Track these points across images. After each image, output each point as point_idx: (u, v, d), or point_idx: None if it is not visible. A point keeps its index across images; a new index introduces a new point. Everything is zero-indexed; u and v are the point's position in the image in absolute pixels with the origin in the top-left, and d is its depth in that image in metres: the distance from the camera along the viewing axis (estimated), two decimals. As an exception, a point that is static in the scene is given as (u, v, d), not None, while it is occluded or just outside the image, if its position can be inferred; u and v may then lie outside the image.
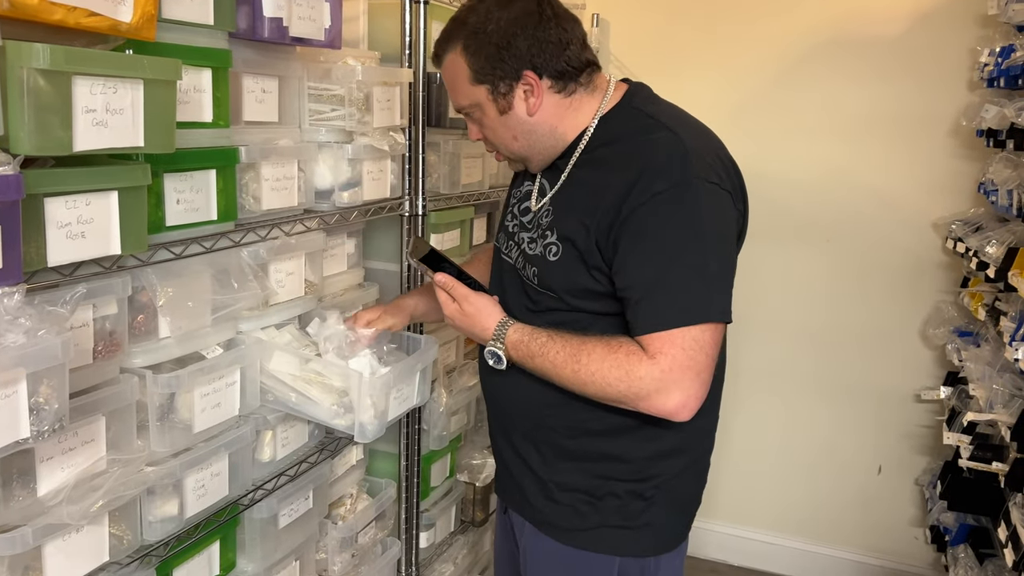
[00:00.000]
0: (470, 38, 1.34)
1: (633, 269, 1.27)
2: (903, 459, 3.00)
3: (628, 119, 1.37)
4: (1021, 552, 1.78)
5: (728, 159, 1.38)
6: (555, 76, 1.35)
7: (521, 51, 1.32)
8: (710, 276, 1.26)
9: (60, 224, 1.04)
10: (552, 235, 1.37)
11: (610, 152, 1.35)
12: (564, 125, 1.39)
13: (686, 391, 1.24)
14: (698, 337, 1.24)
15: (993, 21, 2.57)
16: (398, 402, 1.63)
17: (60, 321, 1.01)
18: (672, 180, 1.26)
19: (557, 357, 1.32)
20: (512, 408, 1.51)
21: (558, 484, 1.46)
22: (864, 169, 2.87)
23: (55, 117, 0.97)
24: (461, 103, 1.42)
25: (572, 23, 1.36)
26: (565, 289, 1.36)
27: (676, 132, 1.32)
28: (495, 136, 1.43)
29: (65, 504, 1.10)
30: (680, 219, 1.26)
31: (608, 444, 1.42)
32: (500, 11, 1.32)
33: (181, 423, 1.35)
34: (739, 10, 2.96)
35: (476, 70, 1.35)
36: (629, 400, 1.28)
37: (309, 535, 1.73)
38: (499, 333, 1.38)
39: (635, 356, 1.26)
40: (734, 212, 1.34)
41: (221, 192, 1.38)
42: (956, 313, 2.81)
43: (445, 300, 1.45)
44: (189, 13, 1.26)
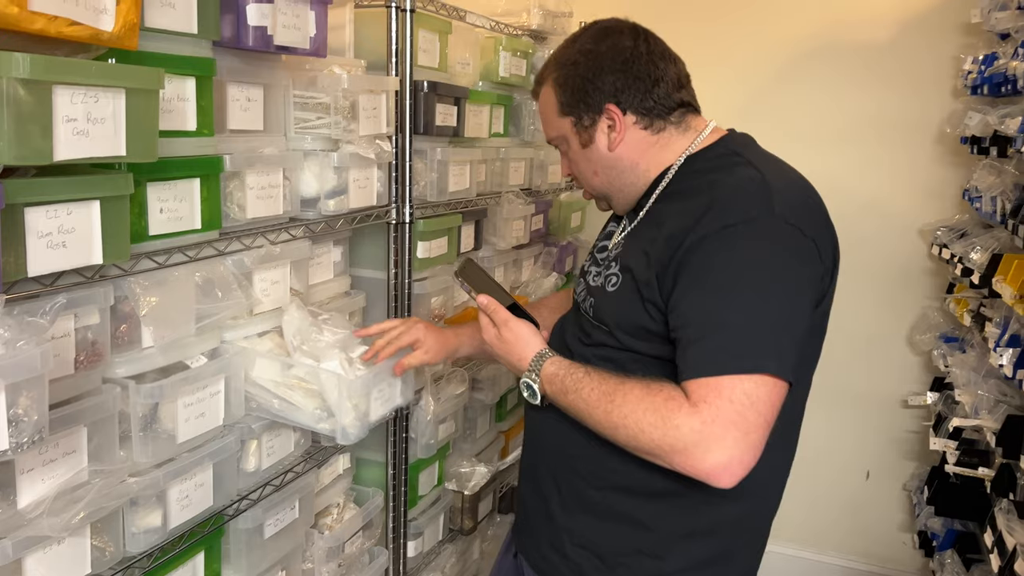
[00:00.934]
0: (561, 70, 1.35)
1: (689, 306, 1.16)
2: (891, 464, 3.02)
3: (713, 157, 1.31)
4: (1007, 557, 1.79)
5: (820, 209, 1.26)
6: (641, 112, 1.31)
7: (606, 85, 1.30)
8: (775, 324, 1.12)
9: (41, 234, 1.03)
10: (615, 266, 1.31)
11: (687, 185, 1.29)
12: (647, 162, 1.33)
13: (728, 451, 1.08)
14: (751, 391, 1.09)
15: (976, 29, 2.60)
16: (380, 402, 1.61)
17: (40, 332, 1.00)
18: (747, 214, 1.16)
19: (591, 395, 1.21)
20: (543, 443, 1.44)
21: (571, 535, 1.37)
22: (851, 175, 2.89)
23: (35, 126, 0.97)
24: (549, 134, 1.42)
25: (668, 62, 1.33)
26: (617, 324, 1.28)
27: (760, 169, 1.23)
28: (578, 170, 1.41)
29: (46, 516, 1.09)
30: (750, 257, 1.14)
31: (635, 506, 1.30)
32: (594, 44, 1.32)
33: (164, 433, 1.34)
34: (727, 18, 2.97)
35: (563, 102, 1.35)
36: (663, 452, 1.13)
37: (295, 545, 1.72)
38: (535, 364, 1.31)
39: (675, 402, 1.12)
40: (816, 266, 1.18)
41: (205, 201, 1.37)
42: (942, 319, 2.83)
43: (485, 324, 1.40)
44: (172, 22, 1.26)
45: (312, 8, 1.54)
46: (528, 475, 1.50)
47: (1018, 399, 2.06)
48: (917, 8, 2.75)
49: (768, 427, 1.11)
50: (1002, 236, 2.29)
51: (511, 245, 2.44)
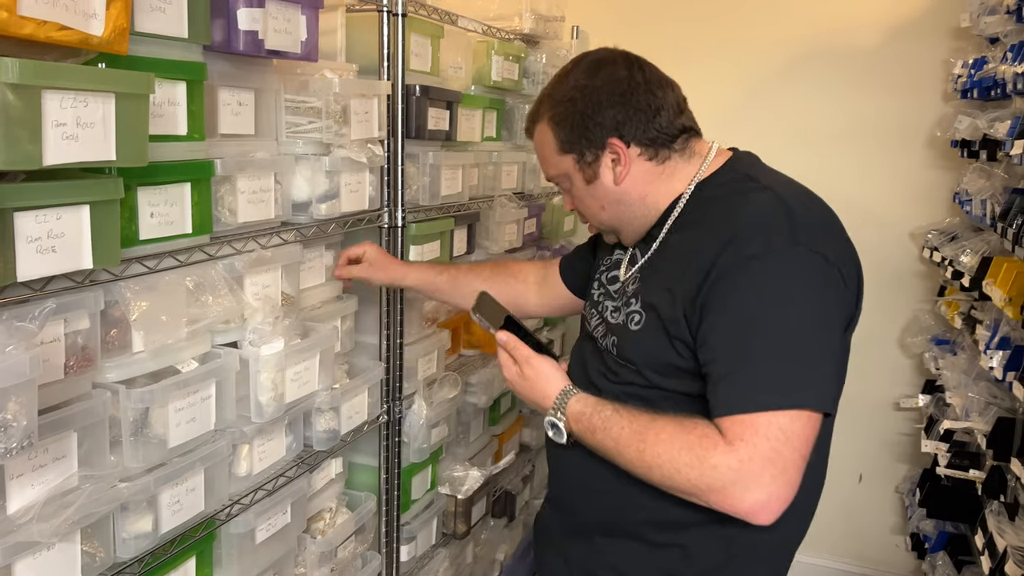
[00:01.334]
0: (557, 107, 1.30)
1: (718, 341, 1.14)
2: (883, 467, 3.02)
3: (726, 183, 1.27)
4: (998, 559, 1.79)
5: (840, 230, 1.24)
6: (644, 144, 1.27)
7: (607, 120, 1.26)
8: (809, 357, 1.11)
9: (30, 238, 1.03)
10: (636, 303, 1.28)
11: (703, 214, 1.25)
12: (656, 193, 1.30)
13: (766, 489, 1.06)
14: (786, 427, 1.07)
15: (966, 34, 2.62)
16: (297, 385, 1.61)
17: (29, 336, 1.00)
18: (771, 244, 1.13)
19: (622, 434, 1.18)
20: (567, 478, 1.40)
21: (603, 559, 1.34)
22: (842, 179, 2.90)
23: (24, 131, 0.96)
24: (550, 173, 1.38)
25: (666, 88, 1.30)
26: (645, 363, 1.24)
27: (778, 193, 1.21)
28: (583, 206, 1.37)
29: (36, 521, 1.09)
30: (774, 288, 1.12)
31: (672, 536, 1.28)
32: (587, 79, 1.28)
33: (155, 438, 1.34)
34: (717, 24, 2.98)
35: (562, 140, 1.30)
36: (699, 492, 1.11)
37: (287, 550, 1.72)
38: (560, 402, 1.26)
39: (710, 440, 1.10)
40: (842, 291, 1.17)
41: (196, 205, 1.37)
42: (933, 322, 2.84)
43: (506, 362, 1.34)
44: (163, 26, 1.26)
45: (303, 12, 1.54)
46: (556, 503, 1.47)
47: (1008, 401, 2.07)
48: (907, 13, 2.77)
49: (804, 461, 1.10)
50: (992, 239, 2.30)
51: (504, 249, 2.45)
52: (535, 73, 2.63)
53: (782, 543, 1.34)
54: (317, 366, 1.67)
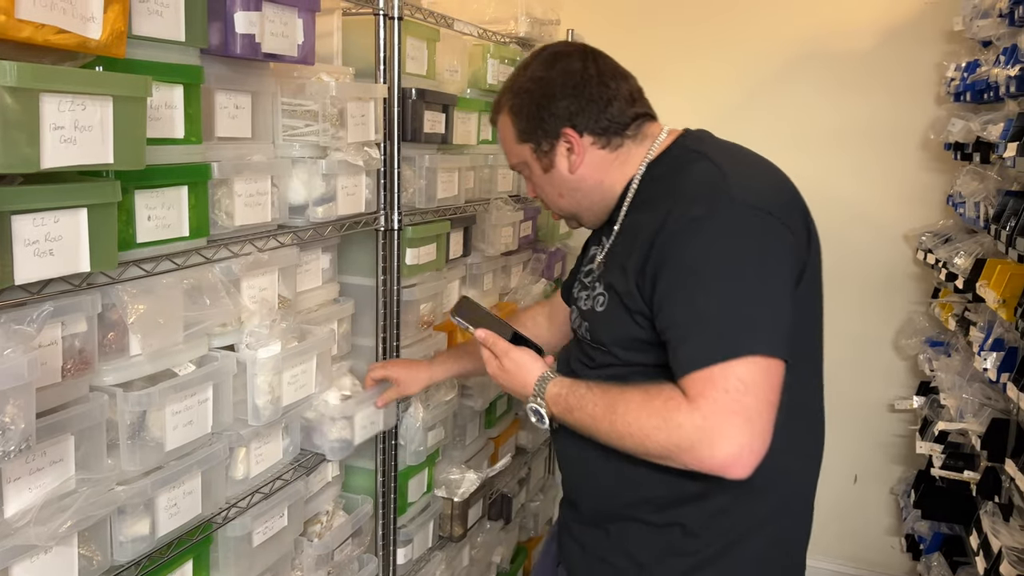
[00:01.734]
0: (515, 98, 1.37)
1: (670, 306, 1.17)
2: (878, 468, 3.03)
3: (672, 159, 1.32)
4: (992, 559, 1.80)
5: (783, 187, 1.28)
6: (597, 133, 1.33)
7: (560, 110, 1.32)
8: (755, 306, 1.13)
9: (28, 241, 1.03)
10: (600, 286, 1.33)
11: (653, 191, 1.31)
12: (611, 179, 1.36)
13: (735, 441, 1.07)
14: (744, 376, 1.08)
15: (959, 37, 2.63)
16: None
17: (26, 340, 1.00)
18: (706, 206, 1.17)
19: (595, 410, 1.22)
20: (571, 468, 1.45)
21: (618, 544, 1.36)
22: (837, 182, 2.91)
23: (22, 134, 0.97)
24: (511, 161, 1.45)
25: (619, 80, 1.35)
26: (613, 341, 1.29)
27: (716, 160, 1.25)
28: (543, 193, 1.43)
29: (33, 525, 1.09)
30: (717, 246, 1.15)
31: (674, 514, 1.29)
32: (544, 71, 1.34)
33: (152, 441, 1.34)
34: (712, 27, 3.00)
35: (520, 129, 1.37)
36: (672, 453, 1.13)
37: (284, 553, 1.71)
38: (539, 388, 1.32)
39: (674, 402, 1.13)
40: (786, 238, 1.19)
41: (193, 208, 1.37)
42: (928, 323, 2.85)
43: (488, 357, 1.41)
44: (160, 30, 1.26)
45: (300, 16, 1.54)
46: (566, 496, 1.51)
47: (1002, 402, 2.08)
48: (901, 16, 2.79)
49: (772, 409, 1.11)
50: (985, 241, 2.31)
51: (500, 251, 2.45)
52: (531, 76, 2.63)
53: (781, 509, 1.32)
54: (314, 369, 1.67)
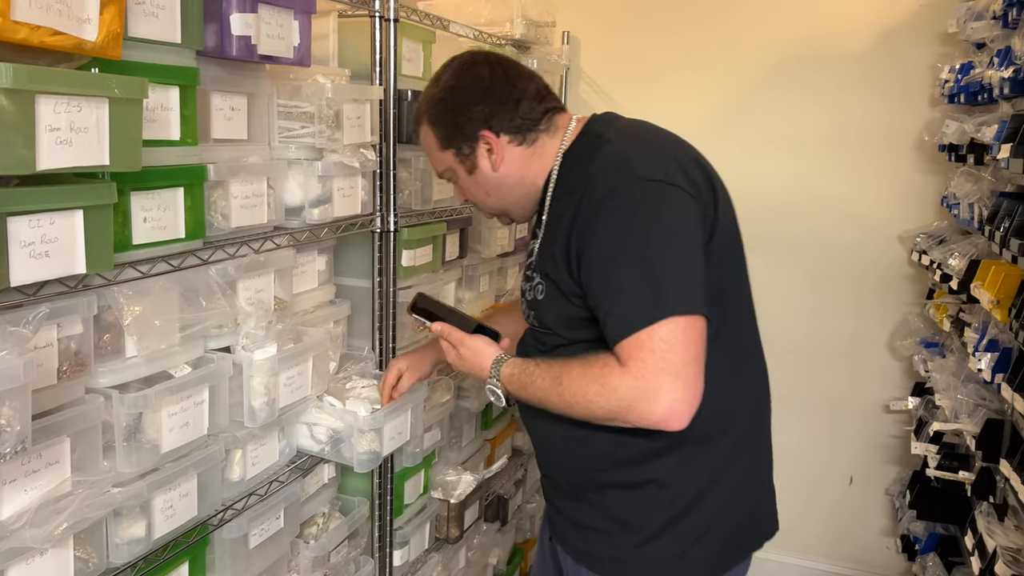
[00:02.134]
0: (432, 108, 1.47)
1: (594, 283, 1.28)
2: (873, 469, 3.04)
3: (583, 147, 1.42)
4: (987, 560, 1.80)
5: (681, 156, 1.36)
6: (512, 131, 1.43)
7: (475, 114, 1.41)
8: (663, 271, 1.23)
9: (24, 243, 1.03)
10: (537, 276, 1.42)
11: (568, 183, 1.40)
12: (531, 172, 1.45)
13: (667, 395, 1.18)
14: (666, 336, 1.19)
15: (953, 39, 2.64)
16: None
17: (22, 341, 1.00)
18: (610, 186, 1.29)
19: (544, 383, 1.34)
20: (546, 445, 1.53)
21: (602, 511, 1.45)
22: (831, 183, 2.92)
23: (18, 136, 0.97)
24: (437, 168, 1.53)
25: (524, 80, 1.44)
26: (557, 323, 1.39)
27: (616, 143, 1.36)
28: (471, 195, 1.53)
29: (28, 527, 1.09)
30: (622, 222, 1.25)
31: (641, 470, 1.39)
32: (454, 80, 1.44)
33: (148, 443, 1.34)
34: (707, 28, 3.00)
35: (441, 137, 1.47)
36: (615, 414, 1.24)
37: (280, 555, 1.71)
38: (494, 371, 1.43)
39: (609, 367, 1.24)
40: (690, 204, 1.29)
41: (189, 210, 1.37)
42: (922, 324, 2.86)
43: (447, 348, 1.53)
44: (156, 31, 1.26)
45: (296, 18, 1.54)
46: (551, 481, 1.59)
47: (997, 403, 2.09)
48: (895, 18, 2.79)
49: (698, 362, 1.21)
50: (980, 242, 2.32)
51: (496, 253, 2.45)
52: (526, 78, 2.64)
53: (741, 449, 1.44)
54: (310, 371, 1.67)
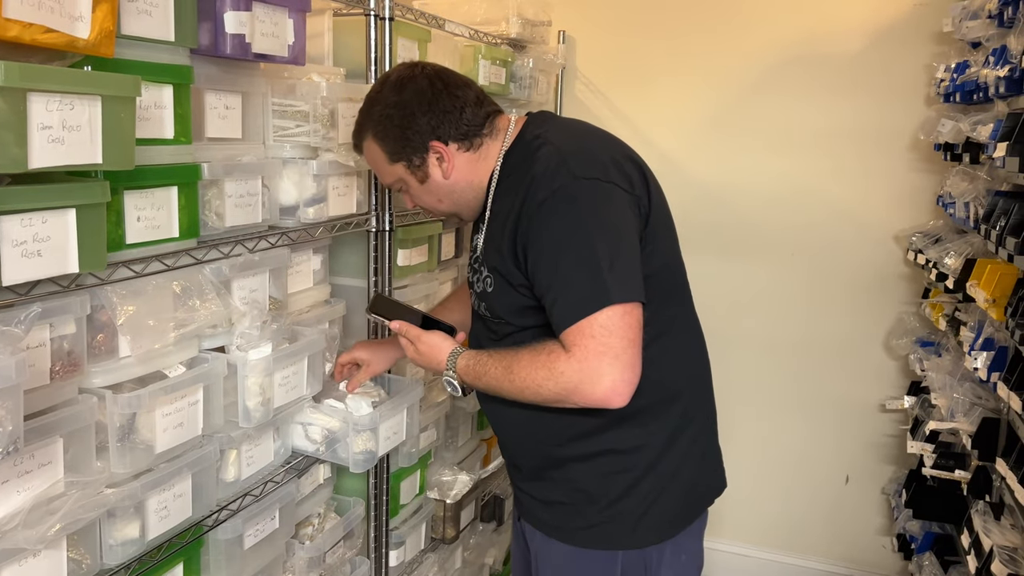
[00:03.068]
0: (377, 126, 1.49)
1: (540, 276, 1.37)
2: (870, 468, 3.04)
3: (522, 147, 1.48)
4: (984, 559, 1.80)
5: (615, 153, 1.46)
6: (459, 139, 1.48)
7: (422, 126, 1.46)
8: (600, 263, 1.32)
9: (15, 242, 1.02)
10: (485, 270, 1.50)
11: (510, 182, 1.47)
12: (478, 175, 1.51)
13: (608, 376, 1.29)
14: (606, 323, 1.30)
15: (948, 38, 2.64)
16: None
17: (14, 341, 0.99)
18: (551, 187, 1.37)
19: (496, 372, 1.42)
20: (505, 429, 1.61)
21: (565, 484, 1.53)
22: (827, 183, 2.92)
23: (10, 134, 0.96)
24: (386, 181, 1.57)
25: (463, 88, 1.50)
26: (507, 312, 1.48)
27: (555, 144, 1.44)
28: (423, 202, 1.58)
29: (21, 528, 1.08)
30: (563, 219, 1.34)
31: (598, 441, 1.48)
32: (397, 96, 1.47)
33: (142, 443, 1.33)
34: (703, 28, 3.00)
35: (389, 152, 1.50)
36: (563, 396, 1.34)
37: (276, 556, 1.71)
38: (451, 363, 1.51)
39: (555, 354, 1.34)
40: (625, 198, 1.39)
41: (183, 209, 1.37)
42: (918, 323, 2.86)
43: (406, 344, 1.59)
44: (149, 29, 1.26)
45: (290, 16, 1.54)
46: (506, 456, 1.68)
47: (993, 402, 2.09)
48: (890, 18, 2.80)
49: (635, 346, 1.32)
50: (975, 241, 2.32)
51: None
52: (522, 77, 2.64)
53: (690, 411, 1.55)
54: (305, 370, 1.66)
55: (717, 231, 3.03)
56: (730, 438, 3.14)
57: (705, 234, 3.00)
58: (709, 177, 3.03)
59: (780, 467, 3.14)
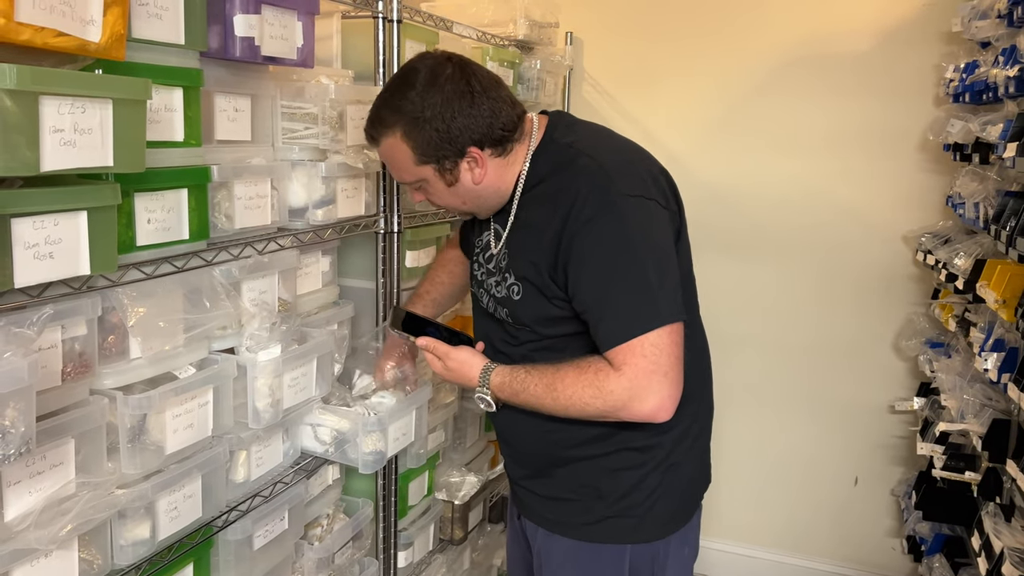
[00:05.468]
0: (409, 125, 1.39)
1: (584, 293, 1.37)
2: (879, 470, 3.03)
3: (553, 154, 1.46)
4: (994, 561, 1.80)
5: (651, 168, 1.46)
6: (495, 144, 1.43)
7: (462, 131, 1.39)
8: (651, 284, 1.34)
9: (27, 244, 1.03)
10: (511, 277, 1.48)
11: (544, 189, 1.45)
12: (505, 180, 1.48)
13: (658, 393, 1.32)
14: (656, 342, 1.32)
15: (957, 38, 2.63)
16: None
17: (26, 343, 1.00)
18: (599, 203, 1.35)
19: (537, 390, 1.42)
20: (513, 433, 1.61)
21: (571, 481, 1.54)
22: (836, 184, 2.91)
23: (22, 137, 0.97)
24: (406, 179, 1.49)
25: (497, 87, 1.43)
26: (534, 321, 1.47)
27: (594, 156, 1.41)
28: (443, 202, 1.52)
29: (33, 529, 1.09)
30: (612, 238, 1.34)
31: (608, 443, 1.50)
32: (433, 96, 1.38)
33: (153, 444, 1.34)
34: (710, 29, 3.00)
35: (420, 153, 1.42)
36: (609, 413, 1.36)
37: (285, 556, 1.71)
38: (483, 380, 1.49)
39: (603, 372, 1.35)
40: (664, 215, 1.41)
41: (193, 211, 1.37)
42: (928, 324, 2.85)
43: (431, 360, 1.57)
44: (160, 33, 1.26)
45: (299, 19, 1.54)
46: (511, 459, 1.67)
47: (1003, 403, 2.08)
48: (898, 18, 2.79)
49: (680, 361, 1.35)
50: (985, 242, 2.31)
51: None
52: (530, 79, 2.64)
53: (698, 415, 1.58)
54: (314, 372, 1.67)
55: (725, 232, 3.03)
56: (738, 439, 3.16)
57: (713, 235, 3.00)
58: (716, 178, 3.03)
59: (789, 468, 3.13)
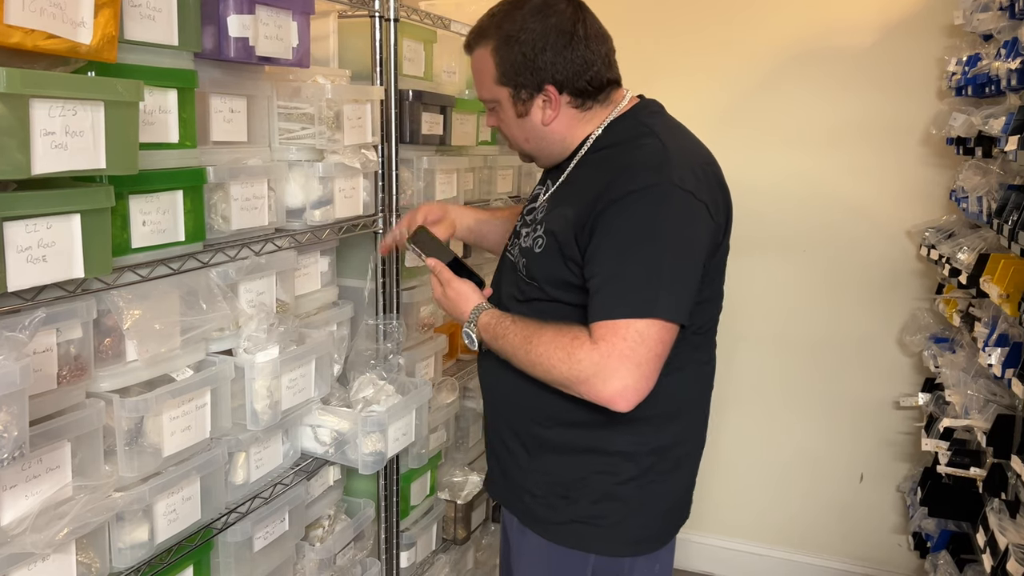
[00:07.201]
0: (502, 42, 1.42)
1: (597, 260, 1.34)
2: (884, 466, 3.02)
3: (628, 127, 1.44)
4: (999, 557, 1.78)
5: (714, 174, 1.43)
6: (575, 93, 1.43)
7: (546, 66, 1.39)
8: (662, 275, 1.30)
9: (20, 248, 1.03)
10: (541, 228, 1.45)
11: (605, 155, 1.44)
12: (573, 134, 1.47)
13: (623, 380, 1.27)
14: (642, 331, 1.28)
15: (959, 31, 2.61)
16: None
17: (19, 346, 0.99)
18: (647, 181, 1.32)
19: (515, 339, 1.40)
20: (495, 394, 1.60)
21: (539, 475, 1.52)
22: (839, 179, 2.90)
23: (12, 140, 0.96)
24: (484, 96, 1.51)
25: (601, 42, 1.43)
26: (545, 279, 1.44)
27: (663, 140, 1.38)
28: (509, 132, 1.52)
29: (30, 532, 1.09)
30: (646, 218, 1.30)
31: (584, 436, 1.46)
32: (535, 22, 1.39)
33: (150, 447, 1.33)
34: (713, 24, 2.98)
35: (502, 72, 1.43)
36: (569, 382, 1.32)
37: (286, 558, 1.71)
38: (473, 316, 1.48)
39: (579, 340, 1.31)
40: (708, 223, 1.36)
41: (189, 213, 1.37)
42: (932, 320, 2.83)
43: (435, 284, 1.56)
44: (152, 34, 1.26)
45: (294, 19, 1.53)
46: (492, 429, 1.65)
47: (1008, 398, 2.06)
48: (900, 11, 2.77)
49: (659, 360, 1.30)
50: (989, 236, 2.30)
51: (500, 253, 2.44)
52: (529, 77, 2.62)
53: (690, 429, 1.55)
54: (313, 373, 1.67)
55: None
56: (742, 435, 3.15)
57: (715, 232, 2.98)
58: (719, 174, 3.01)
59: (794, 465, 3.12)
